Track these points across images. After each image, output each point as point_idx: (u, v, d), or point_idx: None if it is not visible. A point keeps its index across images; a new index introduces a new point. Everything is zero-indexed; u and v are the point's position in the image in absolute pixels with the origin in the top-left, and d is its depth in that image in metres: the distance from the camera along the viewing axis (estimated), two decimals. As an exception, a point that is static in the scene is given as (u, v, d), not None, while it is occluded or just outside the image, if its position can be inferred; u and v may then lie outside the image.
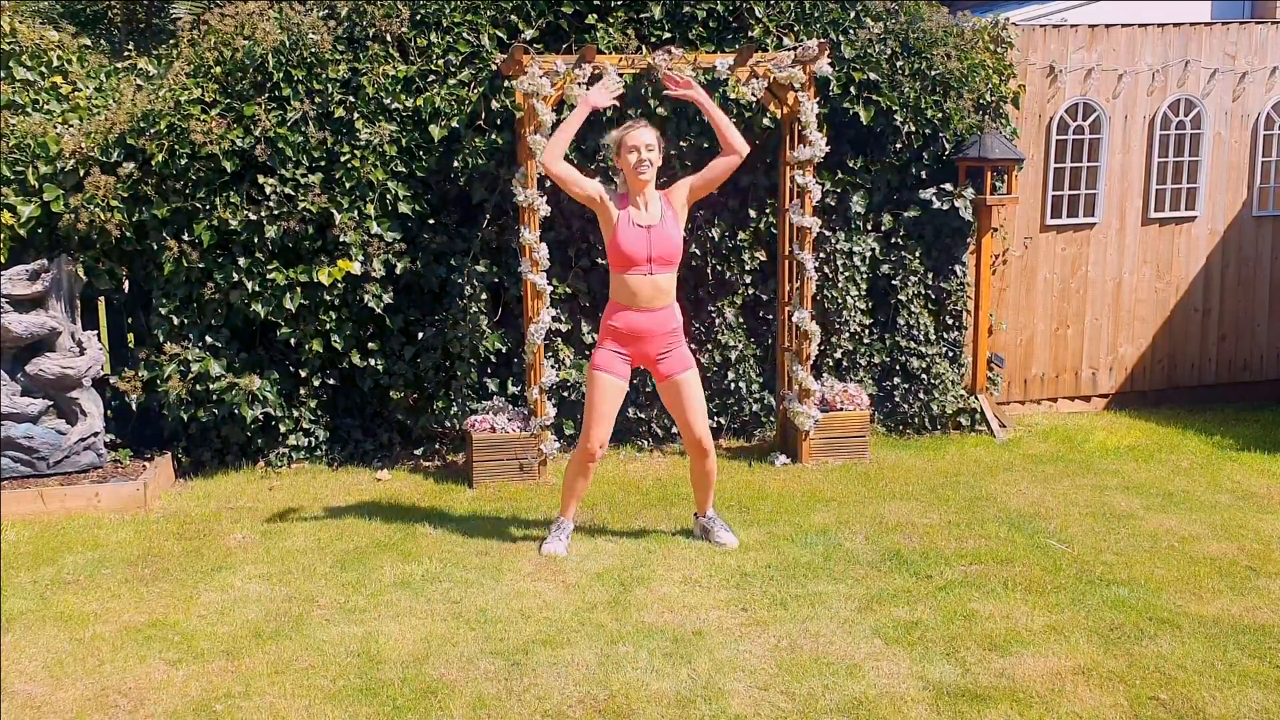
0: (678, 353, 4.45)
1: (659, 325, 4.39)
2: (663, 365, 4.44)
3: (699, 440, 4.48)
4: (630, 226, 4.30)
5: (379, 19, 5.56)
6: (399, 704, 3.31)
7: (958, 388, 6.32)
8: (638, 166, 4.29)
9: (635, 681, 3.41)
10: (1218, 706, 3.21)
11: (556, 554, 4.46)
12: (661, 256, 4.32)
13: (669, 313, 4.42)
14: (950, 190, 6.11)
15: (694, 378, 4.47)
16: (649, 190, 4.36)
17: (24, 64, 5.97)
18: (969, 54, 6.08)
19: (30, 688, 3.47)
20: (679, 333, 4.47)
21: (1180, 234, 6.91)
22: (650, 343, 4.40)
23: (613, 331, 4.40)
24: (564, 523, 4.61)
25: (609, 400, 4.43)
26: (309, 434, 5.85)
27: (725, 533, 4.59)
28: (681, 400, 4.46)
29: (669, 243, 4.33)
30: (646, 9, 5.78)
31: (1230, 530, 4.69)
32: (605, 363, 4.41)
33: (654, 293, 4.35)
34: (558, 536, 4.55)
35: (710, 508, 4.66)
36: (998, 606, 3.91)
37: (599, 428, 4.43)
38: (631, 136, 4.31)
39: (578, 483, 4.57)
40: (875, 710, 3.23)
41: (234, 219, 5.48)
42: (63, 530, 4.91)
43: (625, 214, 4.32)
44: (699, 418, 4.47)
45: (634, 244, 4.29)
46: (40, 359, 5.29)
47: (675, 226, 4.38)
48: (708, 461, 4.54)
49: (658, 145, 4.34)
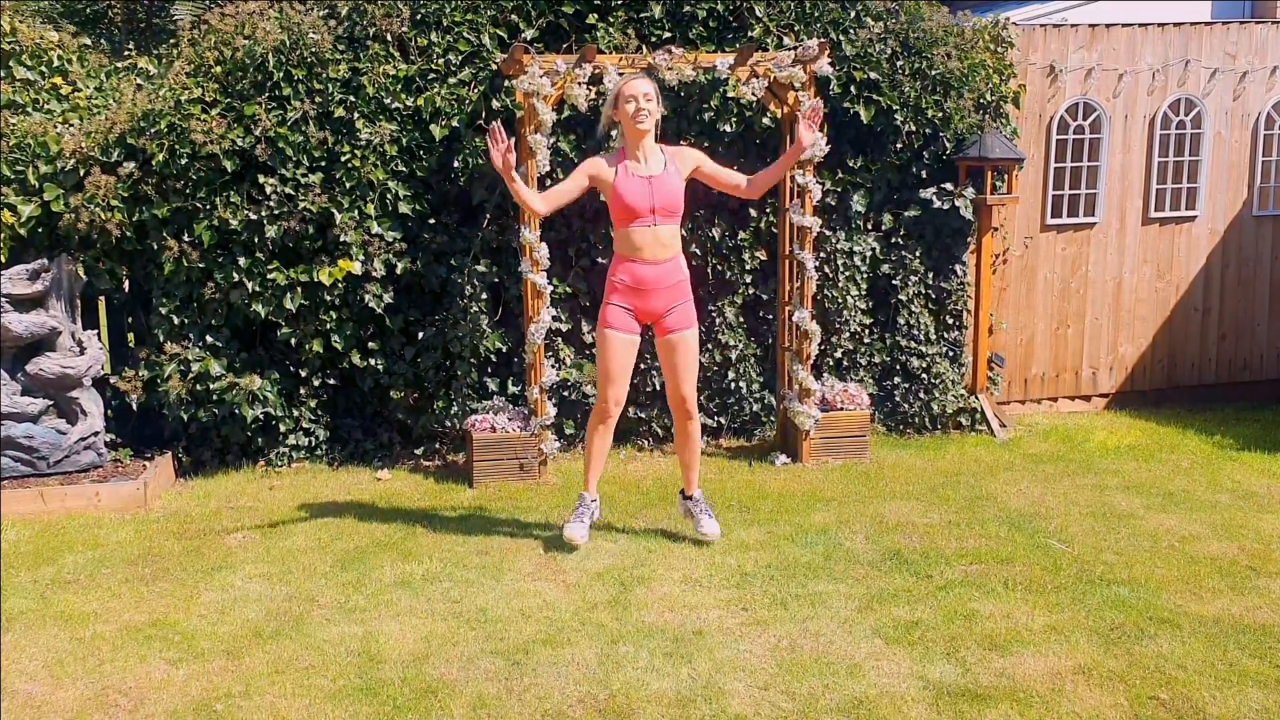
0: (684, 308, 4.41)
1: (665, 277, 4.32)
2: (668, 320, 4.39)
3: (684, 399, 4.46)
4: (630, 178, 4.23)
5: (379, 18, 5.56)
6: (399, 703, 3.31)
7: (958, 387, 6.32)
8: (636, 115, 4.21)
9: (635, 681, 3.41)
10: (1218, 706, 3.21)
11: (575, 539, 4.41)
12: (665, 207, 4.25)
13: (674, 264, 4.36)
14: (951, 190, 6.11)
15: (693, 337, 4.45)
16: (648, 142, 4.28)
17: (24, 63, 5.97)
18: (969, 53, 6.08)
19: (30, 687, 3.47)
20: (686, 286, 4.41)
21: (1180, 234, 6.91)
22: (657, 296, 4.34)
23: (618, 286, 4.34)
24: (586, 499, 4.55)
25: (621, 356, 4.38)
26: (309, 434, 5.85)
27: (709, 520, 4.55)
28: (675, 357, 4.42)
29: (671, 192, 4.26)
30: (647, 8, 5.78)
31: (1230, 530, 4.69)
32: (613, 319, 4.36)
33: (657, 245, 4.28)
34: (580, 517, 4.51)
35: (696, 487, 4.62)
36: (998, 606, 3.91)
37: (614, 386, 4.38)
38: (629, 86, 4.24)
39: (596, 444, 4.50)
40: (875, 710, 3.23)
41: (234, 219, 5.48)
42: (63, 530, 4.91)
43: (622, 167, 4.26)
44: (689, 376, 4.45)
45: (636, 195, 4.22)
46: (40, 358, 5.29)
47: (678, 179, 4.31)
48: (691, 424, 4.51)
49: (656, 96, 4.26)
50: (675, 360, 4.44)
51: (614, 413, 4.44)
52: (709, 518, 4.58)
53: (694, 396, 4.50)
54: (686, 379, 4.45)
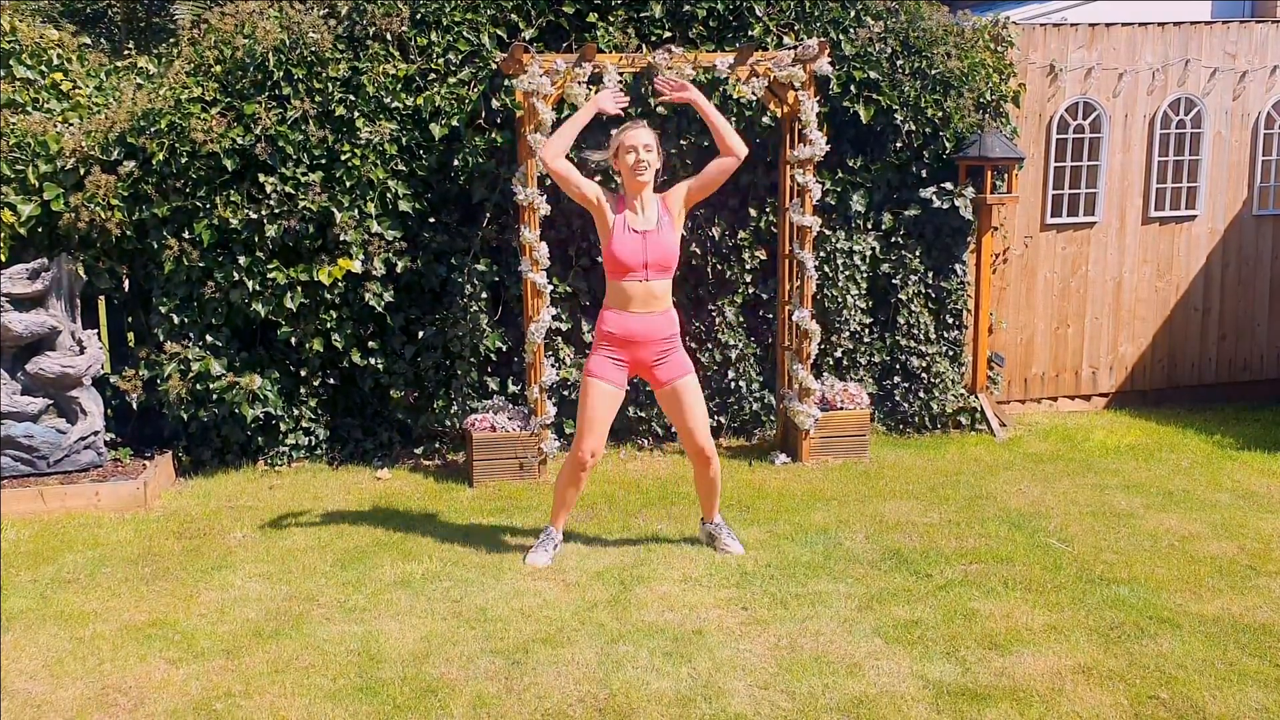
0: (674, 358, 4.32)
1: (655, 330, 4.26)
2: (659, 371, 4.31)
3: (701, 448, 4.35)
4: (626, 233, 4.19)
5: (379, 18, 5.56)
6: (399, 703, 3.31)
7: (958, 387, 6.32)
8: (635, 168, 4.18)
9: (635, 680, 3.41)
10: (1218, 705, 3.21)
11: (539, 565, 4.34)
12: (658, 263, 4.21)
13: (666, 317, 4.29)
14: (950, 189, 6.11)
15: (693, 383, 4.34)
16: (646, 193, 4.24)
17: (24, 63, 5.96)
18: (969, 53, 6.08)
19: (30, 686, 3.47)
20: (676, 338, 4.34)
21: (1180, 233, 6.91)
22: (646, 348, 4.27)
23: (608, 336, 4.28)
24: (552, 533, 4.48)
25: (603, 408, 4.30)
26: (309, 433, 5.85)
27: (732, 541, 4.49)
28: (681, 407, 4.32)
29: (665, 249, 4.22)
30: (647, 8, 5.78)
31: (1230, 530, 4.69)
32: (599, 369, 4.29)
33: (649, 298, 4.23)
34: (544, 547, 4.43)
35: (717, 514, 4.54)
36: (998, 606, 3.91)
37: (591, 436, 4.30)
38: (629, 136, 4.20)
39: (568, 492, 4.43)
40: (875, 709, 3.23)
41: (234, 218, 5.48)
42: (63, 529, 4.91)
43: (621, 219, 4.21)
44: (700, 424, 4.33)
45: (629, 251, 4.18)
46: (40, 358, 5.29)
47: (672, 232, 4.25)
48: (710, 469, 4.41)
49: (656, 146, 4.23)
50: (681, 408, 4.32)
51: (589, 464, 4.34)
52: (733, 539, 4.49)
53: (710, 441, 4.36)
54: (698, 426, 4.32)
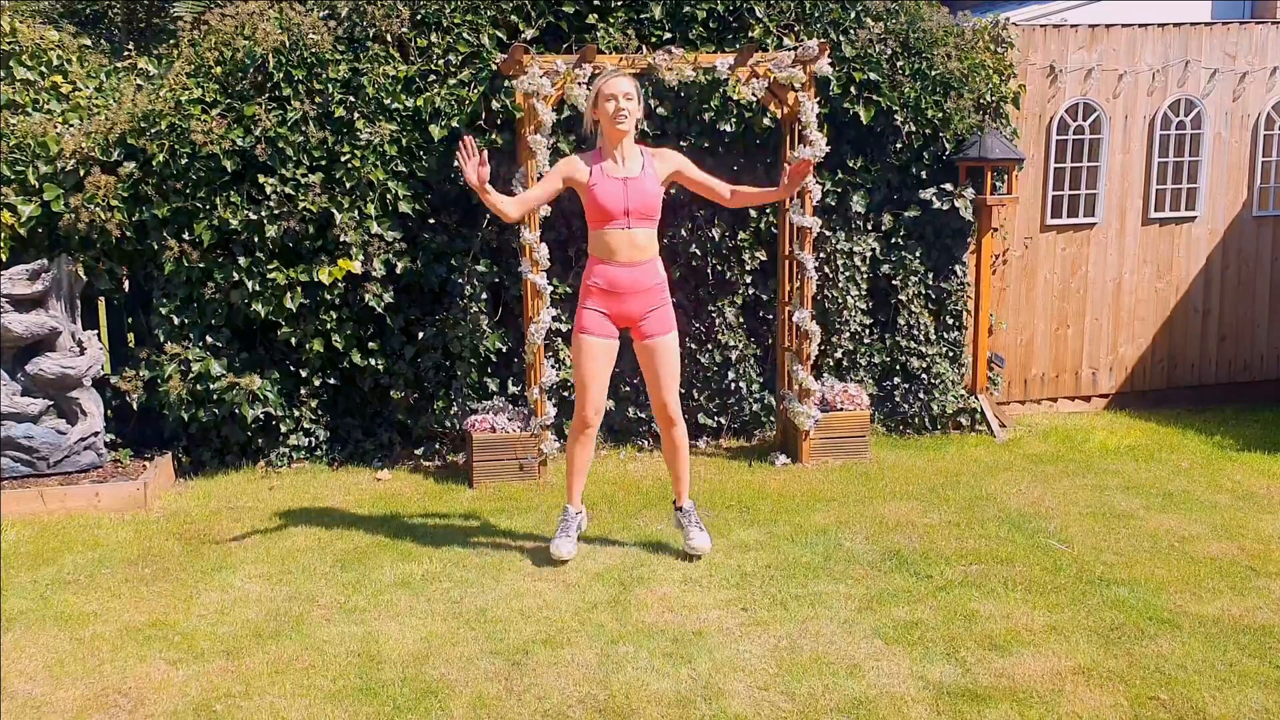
0: (662, 313, 4.27)
1: (640, 280, 4.20)
2: (645, 325, 4.26)
3: (665, 405, 4.32)
4: (605, 179, 4.13)
5: (379, 19, 5.56)
6: (399, 704, 3.31)
7: (958, 388, 6.32)
8: (615, 115, 4.11)
9: (635, 681, 3.41)
10: (1218, 706, 3.21)
11: (562, 555, 4.31)
12: (639, 209, 4.14)
13: (651, 267, 4.23)
14: (950, 190, 6.11)
15: (673, 341, 4.31)
16: (627, 143, 4.18)
17: (24, 63, 5.96)
18: (969, 54, 6.08)
19: (30, 687, 3.47)
20: (663, 289, 4.28)
21: (1180, 234, 6.92)
22: (632, 299, 4.22)
23: (592, 289, 4.23)
24: (570, 513, 4.44)
25: (599, 361, 4.24)
26: (309, 434, 5.85)
27: (698, 533, 4.41)
28: (655, 363, 4.29)
29: (647, 195, 4.15)
30: (647, 9, 5.78)
31: (1230, 530, 4.69)
32: (589, 323, 4.24)
33: (632, 248, 4.17)
34: (565, 531, 4.39)
35: (687, 497, 4.50)
36: (998, 606, 3.91)
37: (592, 392, 4.25)
38: (609, 85, 4.13)
39: (577, 456, 4.38)
40: (875, 710, 3.23)
41: (234, 219, 5.48)
42: (63, 530, 4.91)
43: (598, 169, 4.16)
44: (671, 384, 4.31)
45: (610, 196, 4.12)
46: (40, 359, 5.30)
47: (655, 183, 4.19)
48: (675, 431, 4.37)
49: (637, 95, 4.16)
50: (655, 366, 4.29)
51: (594, 422, 4.31)
52: (699, 530, 4.42)
53: (677, 403, 4.35)
54: (667, 385, 4.31)
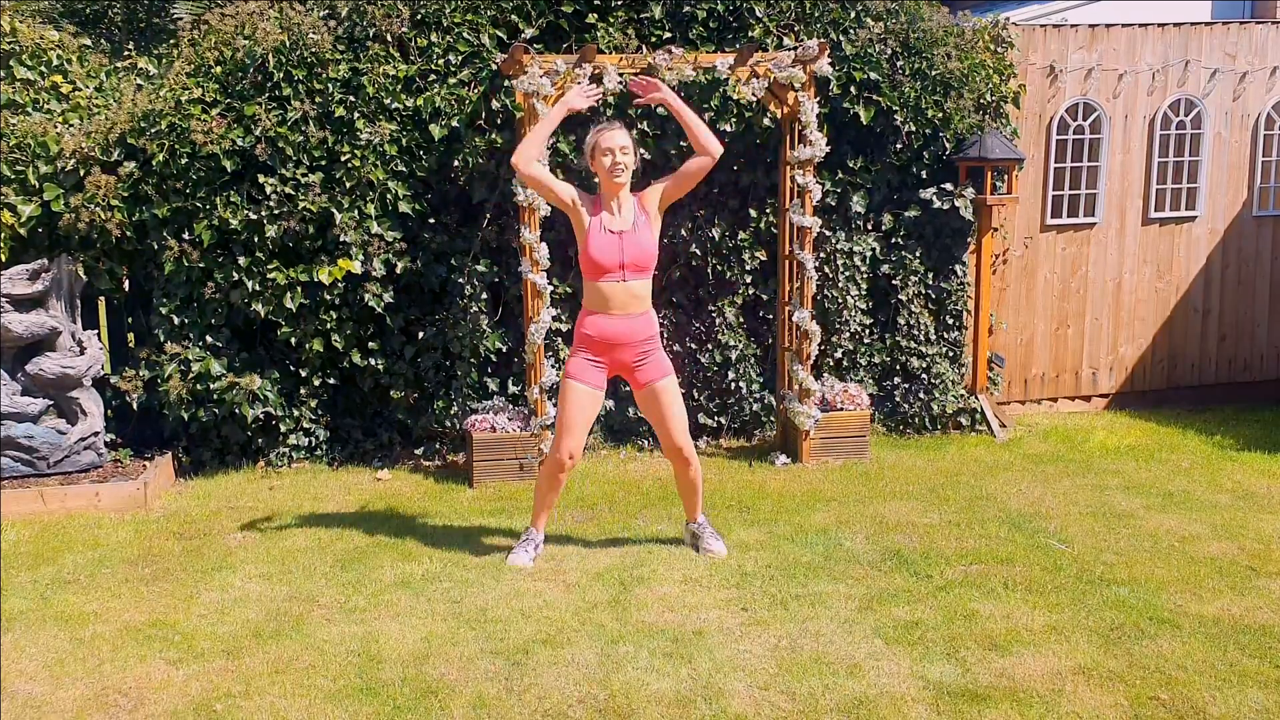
0: (654, 359, 4.31)
1: (634, 332, 4.24)
2: (639, 373, 4.30)
3: (679, 449, 4.35)
4: (602, 233, 4.18)
5: (379, 19, 5.56)
6: (399, 704, 3.31)
7: (958, 387, 6.32)
8: (612, 170, 4.17)
9: (635, 681, 3.41)
10: (1218, 706, 3.21)
11: (521, 566, 4.33)
12: (635, 263, 4.20)
13: (645, 319, 4.28)
14: (950, 190, 6.11)
15: (672, 385, 4.33)
16: (623, 194, 4.24)
17: (24, 63, 5.97)
18: (969, 54, 6.08)
19: (30, 687, 3.47)
20: (655, 339, 4.33)
21: (1180, 234, 6.92)
22: (625, 350, 4.26)
23: (587, 339, 4.26)
24: (533, 534, 4.46)
25: (582, 410, 4.28)
26: (309, 434, 5.85)
27: (715, 541, 4.48)
28: (660, 408, 4.32)
29: (642, 248, 4.21)
30: (647, 8, 5.78)
31: (1230, 530, 4.69)
32: (579, 371, 4.27)
33: (628, 299, 4.22)
34: (525, 548, 4.42)
35: (700, 513, 4.54)
36: (998, 606, 3.91)
37: (570, 437, 4.28)
38: (605, 138, 4.18)
39: (548, 494, 4.43)
40: (875, 710, 3.23)
41: (234, 218, 5.48)
42: (63, 530, 4.91)
43: (597, 220, 4.21)
44: (678, 425, 4.33)
45: (606, 251, 4.17)
46: (40, 358, 5.30)
47: (648, 232, 4.25)
48: (690, 470, 4.41)
49: (633, 147, 4.23)
50: (660, 409, 4.30)
51: (568, 466, 4.33)
52: (716, 539, 4.49)
53: (689, 442, 4.36)
54: (676, 428, 4.32)
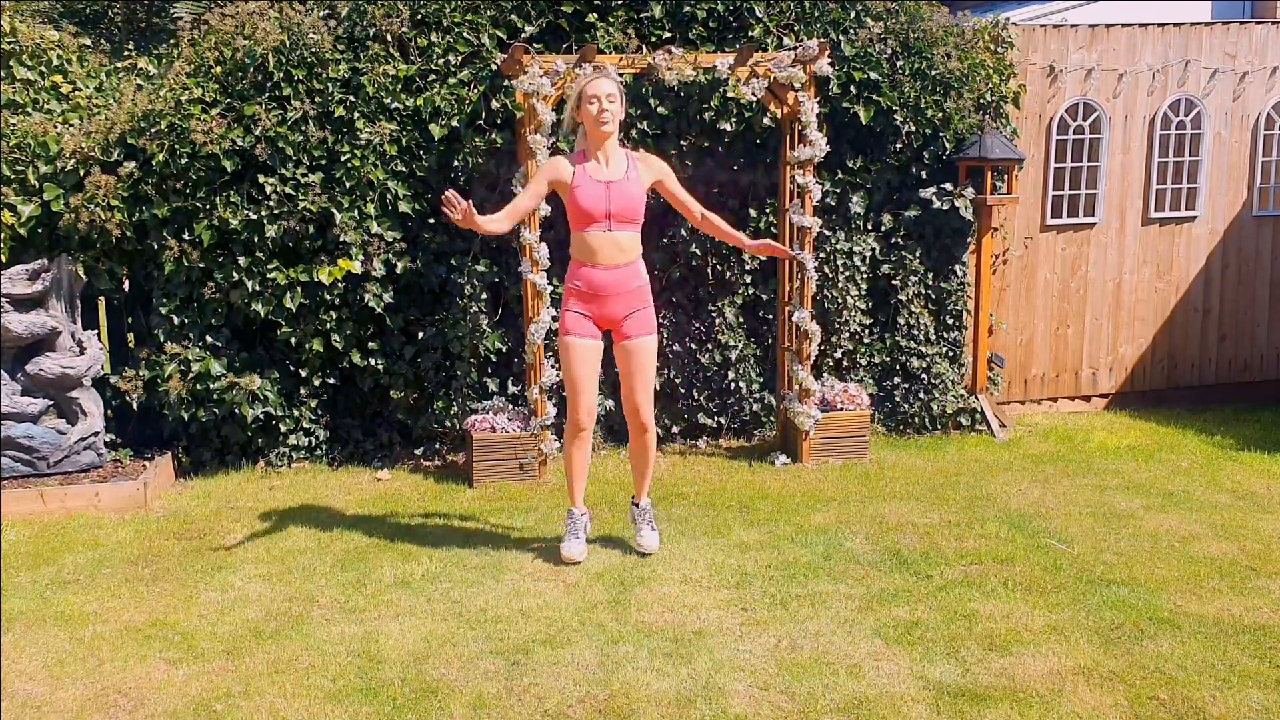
0: (644, 314, 4.26)
1: (622, 282, 4.19)
2: (626, 326, 4.24)
3: (637, 408, 4.29)
4: (588, 181, 4.12)
5: (379, 19, 5.56)
6: (399, 704, 3.31)
7: (958, 387, 6.32)
8: (599, 116, 4.09)
9: (635, 681, 3.41)
10: (1218, 706, 3.21)
11: (574, 557, 4.30)
12: (621, 213, 4.13)
13: (633, 269, 4.22)
14: (950, 190, 6.11)
15: (651, 344, 4.28)
16: (611, 144, 4.16)
17: (24, 63, 5.97)
18: (969, 54, 6.08)
19: (30, 687, 3.47)
20: (645, 292, 4.27)
21: (1180, 234, 6.92)
22: (614, 301, 4.20)
23: (575, 291, 4.21)
24: (575, 515, 4.42)
25: (585, 363, 4.23)
26: (309, 434, 5.85)
27: (649, 531, 4.43)
28: (630, 364, 4.27)
29: (629, 199, 4.13)
30: (647, 8, 5.78)
31: (1230, 530, 4.69)
32: (572, 325, 4.22)
33: (614, 250, 4.15)
34: (574, 533, 4.39)
35: (645, 495, 4.49)
36: (998, 606, 3.91)
37: (582, 394, 4.23)
38: (591, 86, 4.12)
39: (575, 458, 4.37)
40: (875, 710, 3.23)
41: (234, 218, 5.48)
42: (63, 530, 4.91)
43: (581, 169, 4.14)
44: (645, 387, 4.29)
45: (592, 199, 4.10)
46: (40, 359, 5.29)
47: (638, 186, 4.18)
48: (646, 436, 4.35)
49: (620, 96, 4.15)
50: (630, 367, 4.27)
51: (587, 424, 4.29)
52: (649, 529, 4.44)
53: (649, 407, 4.32)
54: (640, 387, 4.28)
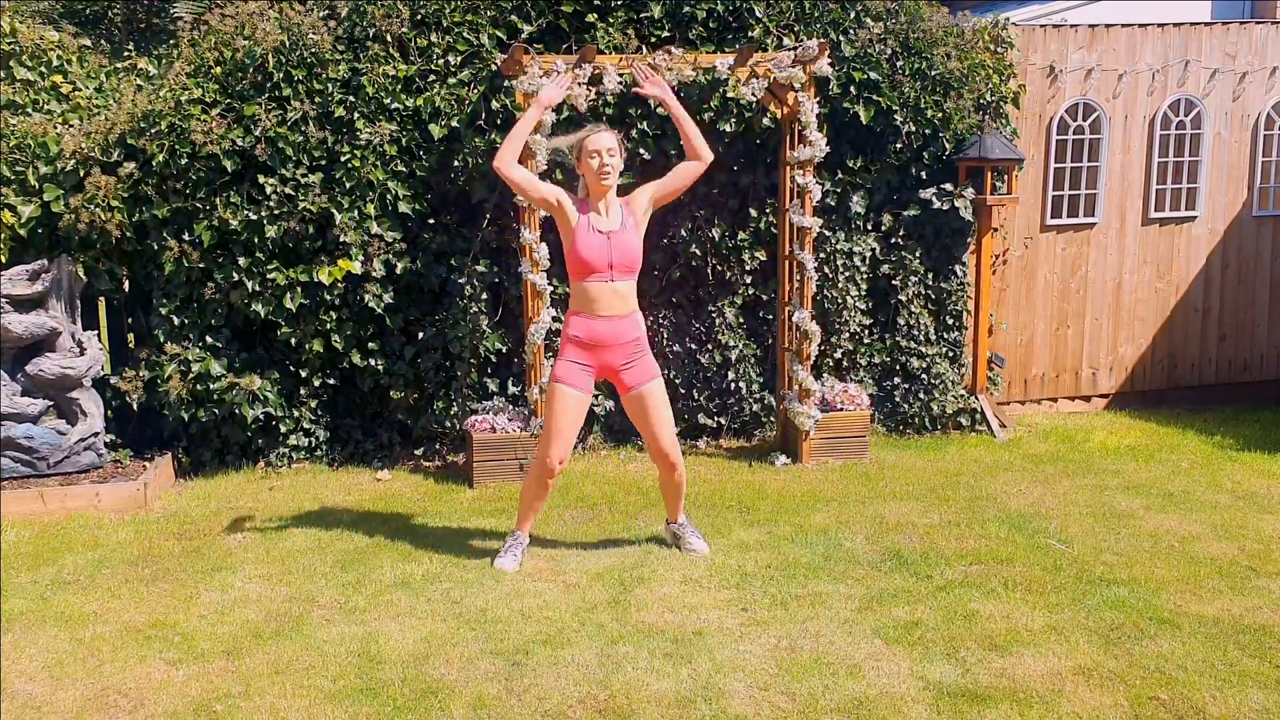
0: (642, 363, 4.30)
1: (621, 334, 4.24)
2: (626, 376, 4.28)
3: (666, 453, 4.34)
4: (590, 232, 4.17)
5: (379, 19, 5.56)
6: (399, 704, 3.31)
7: (958, 388, 6.32)
8: (600, 171, 4.16)
9: (635, 681, 3.41)
10: (1218, 706, 3.21)
11: (509, 570, 4.32)
12: (622, 264, 4.19)
13: (631, 320, 4.27)
14: (950, 190, 6.11)
15: (659, 389, 4.32)
16: (610, 197, 4.24)
17: (24, 64, 5.97)
18: (969, 54, 6.08)
19: (30, 688, 3.47)
20: (643, 342, 4.32)
21: (1180, 234, 6.92)
22: (612, 352, 4.25)
23: (573, 341, 4.25)
24: (520, 536, 4.45)
25: (570, 414, 4.26)
26: (309, 434, 5.85)
27: (696, 539, 4.50)
28: (646, 413, 4.31)
29: (629, 249, 4.20)
30: (646, 8, 5.78)
31: (1230, 530, 4.69)
32: (566, 375, 4.25)
33: (614, 300, 4.21)
34: (512, 551, 4.40)
35: (681, 514, 4.56)
36: (998, 606, 3.91)
37: (558, 443, 4.26)
38: (592, 140, 4.18)
39: (535, 500, 4.41)
40: (875, 710, 3.23)
41: (234, 219, 5.48)
42: (63, 530, 4.91)
43: (585, 219, 4.19)
44: (666, 430, 4.33)
45: (594, 251, 4.16)
46: (40, 359, 5.30)
47: (635, 233, 4.25)
48: (676, 474, 4.41)
49: (619, 149, 4.22)
50: (646, 414, 4.29)
51: (556, 472, 4.31)
52: (697, 538, 4.50)
53: (676, 447, 4.36)
54: (664, 433, 4.31)
